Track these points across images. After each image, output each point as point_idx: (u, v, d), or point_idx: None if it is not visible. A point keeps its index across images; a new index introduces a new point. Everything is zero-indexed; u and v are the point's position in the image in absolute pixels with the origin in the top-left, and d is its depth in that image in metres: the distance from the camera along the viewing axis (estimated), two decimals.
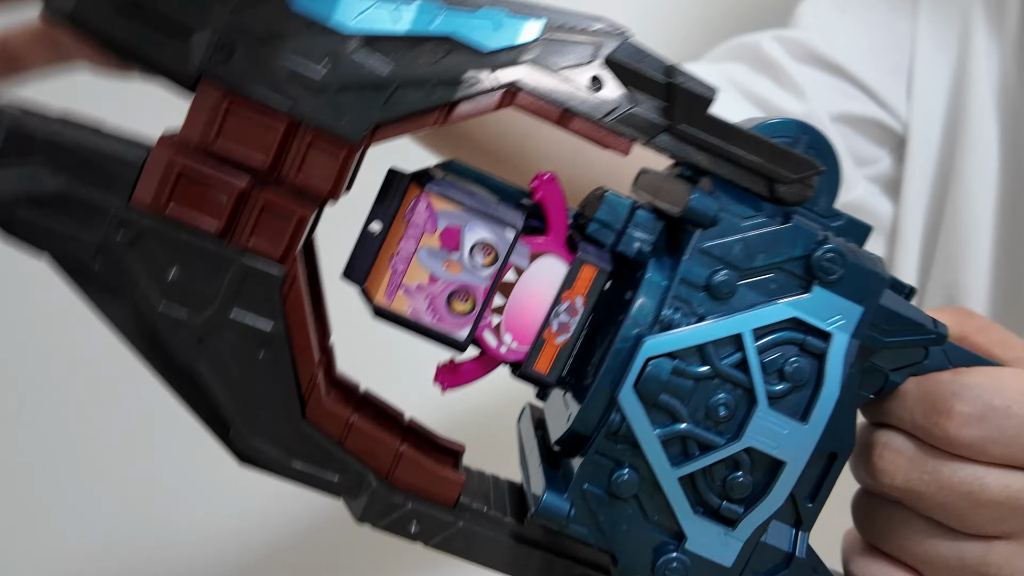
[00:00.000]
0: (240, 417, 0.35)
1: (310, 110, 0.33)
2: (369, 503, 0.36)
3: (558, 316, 0.37)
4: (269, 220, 0.34)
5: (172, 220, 0.34)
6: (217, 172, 0.33)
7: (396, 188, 0.36)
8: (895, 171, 0.70)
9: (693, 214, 0.34)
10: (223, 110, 0.33)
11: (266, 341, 0.34)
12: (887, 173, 0.70)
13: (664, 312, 0.34)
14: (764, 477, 0.35)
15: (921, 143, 0.67)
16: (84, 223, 0.33)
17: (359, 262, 0.36)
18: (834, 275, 0.35)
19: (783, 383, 0.35)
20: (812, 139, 0.36)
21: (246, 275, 0.34)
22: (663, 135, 0.35)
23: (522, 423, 0.44)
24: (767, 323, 0.35)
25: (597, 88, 0.35)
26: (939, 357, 0.38)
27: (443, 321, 0.36)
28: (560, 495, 0.35)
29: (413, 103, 0.34)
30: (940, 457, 0.37)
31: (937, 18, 0.67)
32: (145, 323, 0.35)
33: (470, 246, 0.36)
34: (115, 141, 0.34)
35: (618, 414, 0.34)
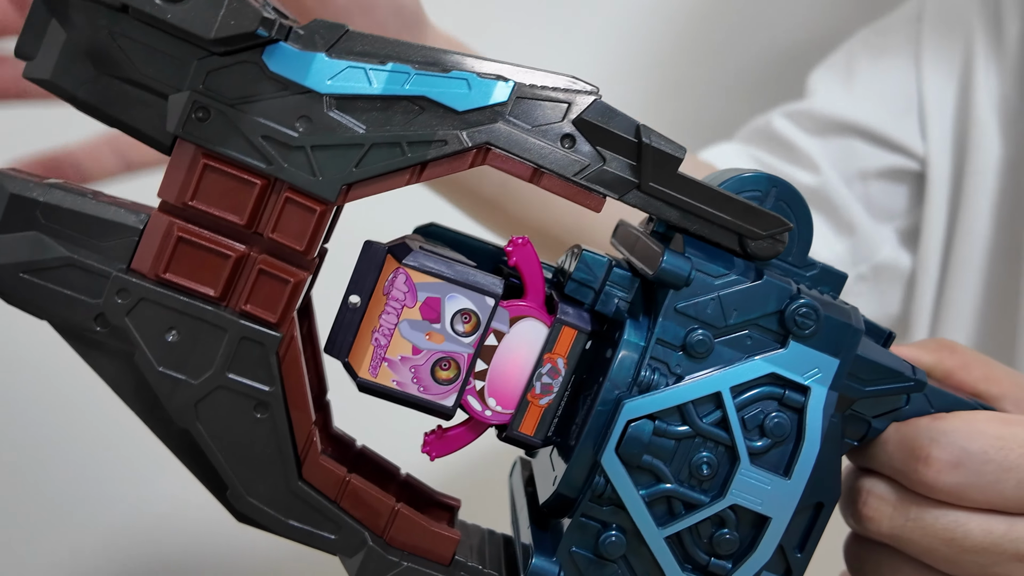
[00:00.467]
0: (237, 478, 0.32)
1: (285, 169, 0.30)
2: (365, 562, 0.33)
3: (540, 378, 0.33)
4: (266, 284, 0.31)
5: (171, 284, 0.31)
6: (215, 236, 0.31)
7: (373, 261, 0.32)
8: (917, 217, 0.64)
9: (666, 276, 0.31)
10: (199, 170, 0.30)
11: (263, 403, 0.31)
12: (913, 223, 0.64)
13: (643, 374, 0.31)
14: (750, 532, 0.31)
15: (936, 176, 0.61)
16: (85, 289, 0.31)
17: (340, 337, 0.33)
18: (808, 329, 0.31)
19: (764, 439, 0.31)
20: (781, 191, 0.33)
21: (243, 339, 0.31)
22: (634, 192, 0.32)
23: (513, 478, 0.39)
24: (745, 380, 0.31)
25: (568, 146, 0.31)
26: (920, 401, 0.34)
27: (428, 391, 0.33)
28: (548, 558, 0.32)
29: (386, 163, 0.30)
30: (922, 503, 0.33)
31: (940, 51, 0.62)
32: (143, 385, 0.32)
33: (451, 315, 0.33)
34: (114, 207, 0.31)
35: (602, 477, 0.31)
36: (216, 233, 0.31)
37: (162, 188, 0.31)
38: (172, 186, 0.31)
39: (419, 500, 0.37)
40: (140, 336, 0.31)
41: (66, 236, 0.31)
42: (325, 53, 0.30)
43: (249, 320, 0.32)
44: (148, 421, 0.33)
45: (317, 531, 0.33)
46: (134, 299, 0.31)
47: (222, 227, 0.31)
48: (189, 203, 0.31)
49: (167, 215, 0.31)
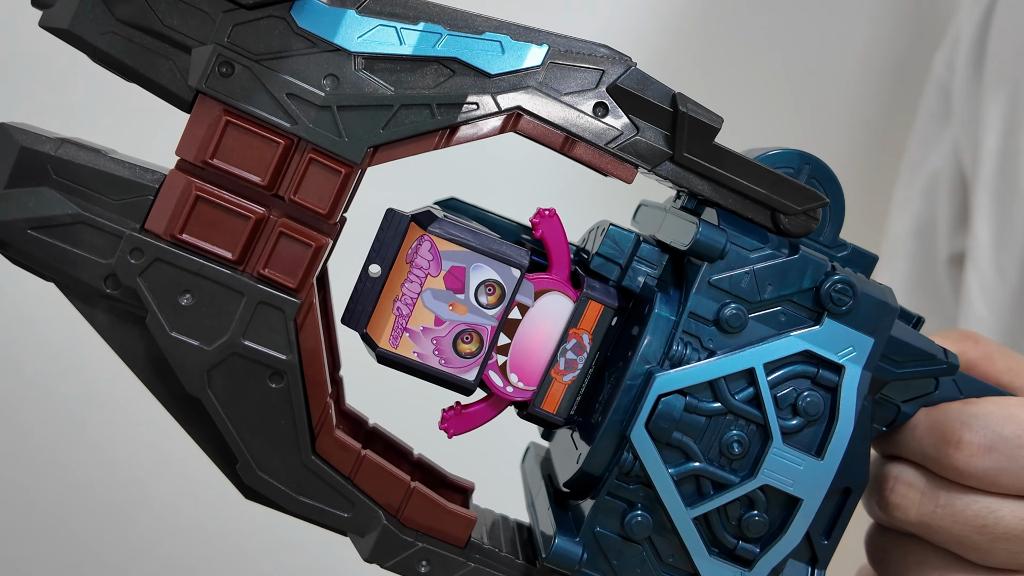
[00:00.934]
0: (248, 450, 0.30)
1: (310, 129, 0.29)
2: (379, 542, 0.31)
3: (565, 354, 0.32)
4: (286, 248, 0.30)
5: (187, 246, 0.29)
6: (234, 197, 0.30)
7: (395, 229, 0.31)
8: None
9: (701, 248, 0.30)
10: (221, 127, 0.29)
11: (278, 372, 0.30)
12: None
13: (674, 348, 0.30)
14: (780, 515, 0.30)
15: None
16: (96, 248, 0.29)
17: (359, 306, 0.31)
18: (844, 306, 0.30)
19: (797, 418, 0.30)
20: (814, 168, 0.32)
21: (261, 303, 0.30)
22: (666, 163, 0.31)
23: (526, 463, 0.38)
24: (779, 356, 0.30)
25: (601, 115, 0.30)
26: (950, 387, 0.33)
27: (449, 364, 0.32)
28: (571, 539, 0.30)
29: (414, 125, 0.29)
30: (953, 490, 0.32)
31: None
32: (153, 350, 0.30)
33: (475, 286, 0.31)
34: (129, 165, 0.30)
35: (630, 454, 0.30)
36: (236, 194, 0.30)
37: (181, 145, 0.30)
38: (191, 143, 0.30)
39: (433, 481, 0.36)
40: (152, 298, 0.30)
41: (78, 192, 0.30)
42: (355, 10, 0.29)
43: (267, 285, 0.30)
44: (154, 389, 0.31)
45: (329, 509, 0.32)
46: (148, 259, 0.30)
47: (242, 188, 0.30)
48: (209, 162, 0.30)
49: (185, 174, 0.30)
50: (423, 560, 0.32)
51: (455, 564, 0.32)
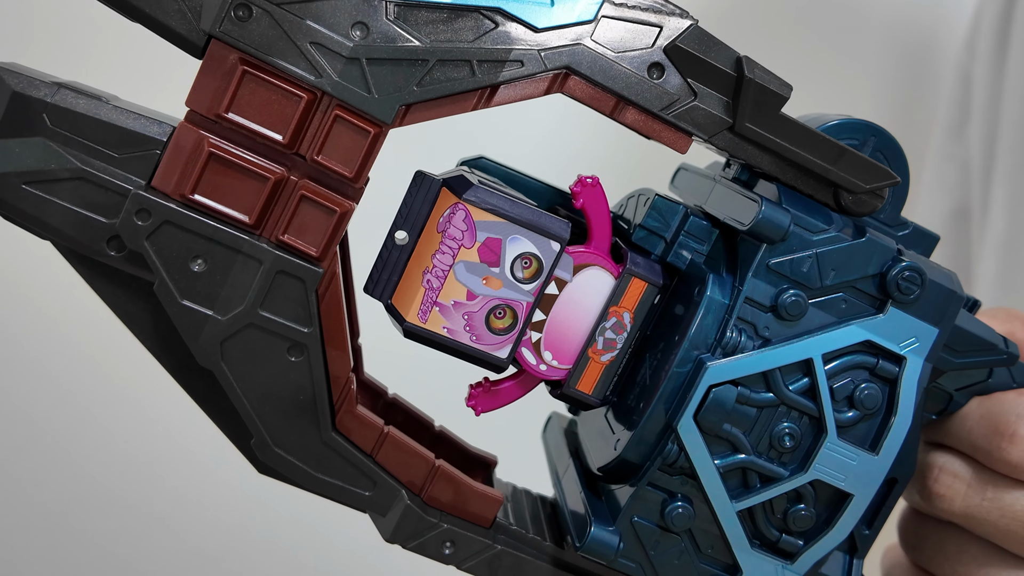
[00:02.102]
0: (264, 426, 0.28)
1: (335, 83, 0.26)
2: (401, 522, 0.29)
3: (604, 333, 0.30)
4: (308, 213, 0.27)
5: (199, 207, 0.27)
6: (252, 155, 0.27)
7: (426, 194, 0.28)
8: None
9: (763, 228, 0.27)
10: (237, 78, 0.26)
11: (298, 345, 0.28)
12: None
13: (728, 334, 0.28)
14: (827, 509, 0.29)
15: None
16: (98, 207, 0.26)
17: (383, 275, 0.29)
18: (912, 295, 0.28)
19: (853, 410, 0.28)
20: (880, 141, 0.29)
21: (280, 272, 0.27)
22: (724, 133, 0.28)
23: (548, 435, 0.36)
24: (838, 347, 0.28)
25: (657, 77, 0.27)
26: (1003, 375, 0.31)
27: (481, 340, 0.29)
28: (607, 527, 0.29)
29: (452, 83, 0.26)
30: (1001, 483, 0.30)
31: None
32: (161, 318, 0.28)
33: (512, 259, 0.29)
34: (135, 115, 0.27)
35: (675, 444, 0.28)
36: (253, 152, 0.27)
37: (191, 96, 0.27)
38: (203, 95, 0.27)
39: (454, 455, 0.34)
40: (161, 264, 0.27)
41: (77, 144, 0.27)
42: None
43: (287, 252, 0.27)
44: (163, 359, 0.29)
45: (350, 487, 0.30)
46: (156, 221, 0.27)
47: (259, 145, 0.27)
48: (223, 115, 0.27)
49: (196, 127, 0.27)
50: (447, 541, 0.30)
51: (481, 546, 0.31)
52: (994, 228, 0.55)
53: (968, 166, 0.59)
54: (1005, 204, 0.54)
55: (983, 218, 0.57)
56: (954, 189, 0.60)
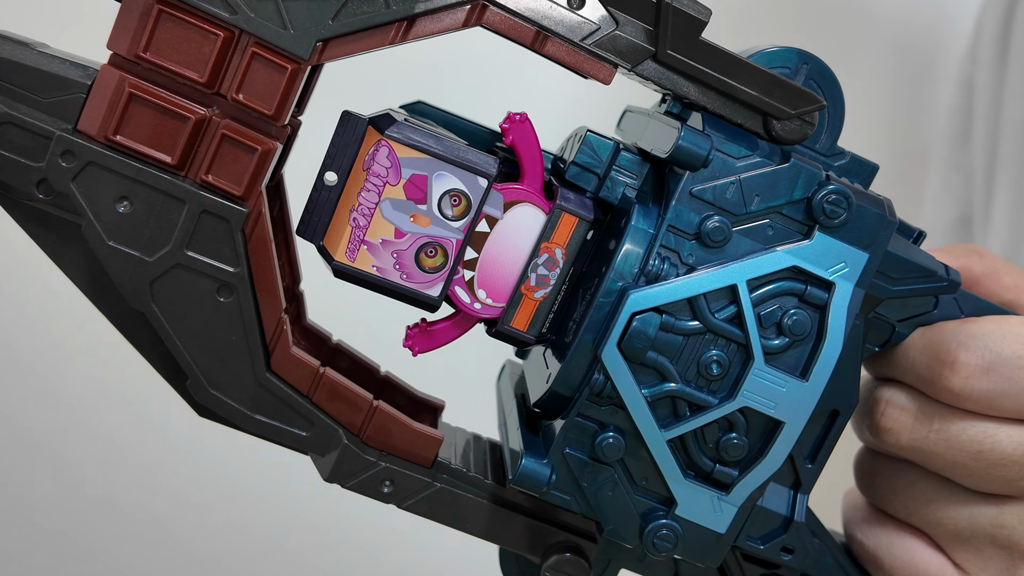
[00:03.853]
0: (198, 367, 0.28)
1: (251, 20, 0.26)
2: (339, 461, 0.29)
3: (536, 269, 0.29)
4: (230, 152, 0.27)
5: (122, 148, 0.26)
6: (172, 96, 0.26)
7: (352, 134, 0.28)
8: None
9: (682, 154, 0.27)
10: (152, 18, 0.26)
11: (227, 285, 0.27)
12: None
13: (651, 263, 0.27)
14: (760, 438, 0.28)
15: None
16: (25, 150, 0.26)
17: (315, 217, 0.28)
18: (838, 219, 0.27)
19: (781, 337, 0.28)
20: (813, 68, 0.29)
21: (204, 212, 0.27)
22: (648, 62, 0.27)
23: (501, 382, 0.36)
24: (764, 273, 0.27)
25: (577, 6, 0.27)
26: (950, 306, 0.30)
27: (412, 279, 0.29)
28: (540, 460, 0.28)
29: (367, 16, 0.26)
30: (947, 414, 0.30)
31: None
32: (93, 262, 0.28)
33: (439, 196, 0.28)
34: (60, 60, 0.27)
35: (601, 374, 0.27)
36: (173, 92, 0.27)
37: (111, 38, 0.27)
38: (123, 36, 0.27)
39: (399, 400, 0.34)
40: (87, 205, 0.27)
41: (3, 90, 0.27)
42: None
43: (211, 192, 0.27)
44: (98, 303, 0.29)
45: (287, 427, 0.30)
46: (81, 163, 0.27)
47: (180, 86, 0.27)
48: (142, 55, 0.26)
49: (118, 69, 0.27)
50: (386, 480, 0.30)
51: (420, 484, 0.30)
52: (996, 235, 0.54)
53: (973, 174, 0.58)
54: (1007, 211, 0.53)
55: (985, 225, 0.56)
56: (960, 197, 0.60)
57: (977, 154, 0.57)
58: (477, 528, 0.31)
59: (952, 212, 0.59)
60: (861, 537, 0.33)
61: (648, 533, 0.29)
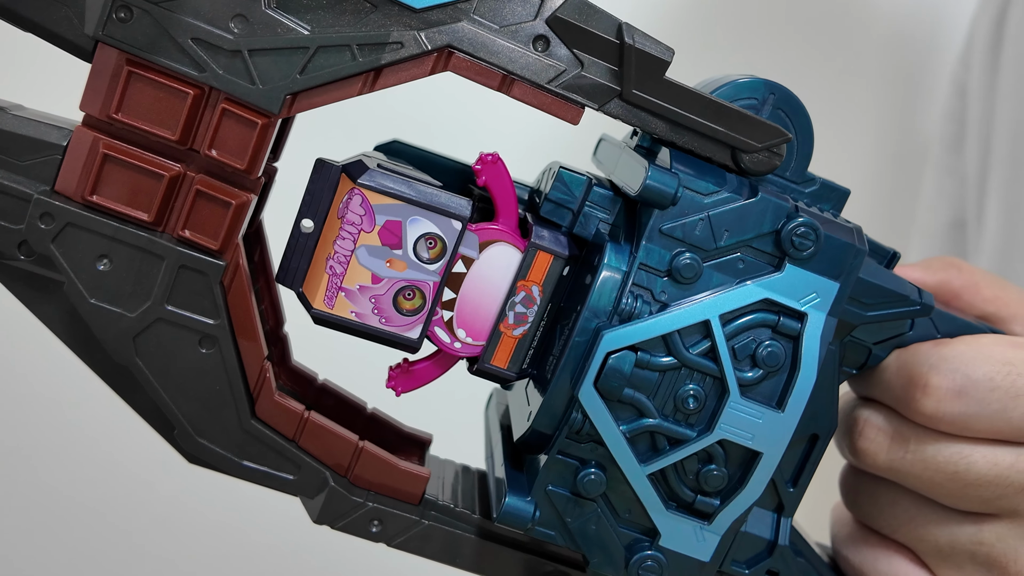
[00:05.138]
0: (184, 417, 0.28)
1: (220, 77, 0.26)
2: (327, 503, 0.29)
3: (514, 307, 0.29)
4: (206, 207, 0.27)
5: (100, 208, 0.27)
6: (146, 154, 0.27)
7: (326, 181, 0.28)
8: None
9: (650, 193, 0.27)
10: (123, 79, 0.26)
11: (208, 337, 0.28)
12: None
13: (624, 301, 0.27)
14: (739, 469, 0.28)
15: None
16: (5, 213, 0.27)
17: (293, 264, 0.29)
18: (807, 251, 0.27)
19: (756, 369, 0.28)
20: (780, 98, 0.29)
21: (182, 267, 0.27)
22: (615, 101, 0.27)
23: (489, 411, 0.36)
24: (736, 306, 0.27)
25: (542, 49, 0.27)
26: (925, 326, 0.30)
27: (391, 322, 0.29)
28: (523, 497, 0.28)
29: (335, 68, 0.26)
30: (923, 435, 0.30)
31: None
32: (77, 319, 0.28)
33: (414, 241, 0.28)
34: (36, 123, 0.27)
35: (579, 413, 0.27)
36: (147, 151, 0.27)
37: (84, 100, 0.27)
38: (95, 98, 0.27)
39: (387, 436, 0.34)
40: (68, 265, 0.27)
41: None
42: None
43: (188, 247, 0.27)
44: (85, 358, 0.29)
45: (275, 472, 0.30)
46: (59, 224, 0.27)
47: (154, 144, 0.27)
48: (114, 116, 0.27)
49: (91, 131, 0.27)
50: (374, 520, 0.30)
51: (408, 523, 0.31)
52: (989, 238, 0.54)
53: (966, 178, 0.58)
54: (1000, 214, 0.53)
55: (978, 228, 0.56)
56: (953, 201, 0.59)
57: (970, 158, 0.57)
58: (467, 562, 0.31)
59: (946, 216, 0.59)
60: (847, 553, 0.33)
61: (633, 564, 0.29)
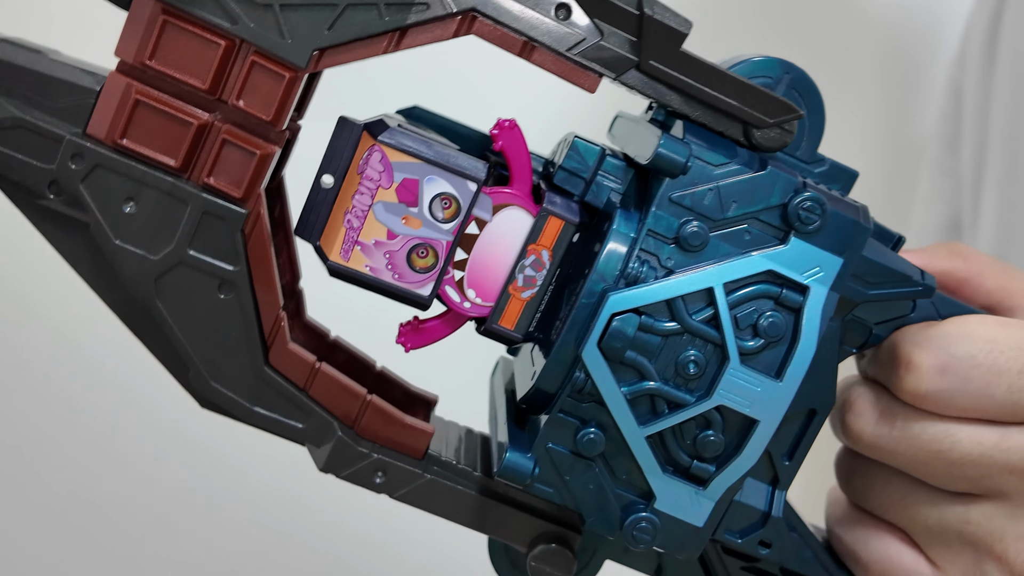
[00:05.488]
0: (199, 360, 0.29)
1: (251, 30, 0.27)
2: (333, 452, 0.30)
3: (523, 270, 0.30)
4: (231, 156, 0.28)
5: (129, 152, 0.28)
6: (176, 102, 0.27)
7: (348, 138, 0.29)
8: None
9: (662, 161, 0.27)
10: (158, 27, 0.27)
11: (227, 282, 0.28)
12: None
13: (631, 266, 0.28)
14: (736, 436, 0.29)
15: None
16: (37, 153, 0.28)
17: (312, 218, 0.29)
18: (812, 225, 0.28)
19: (757, 339, 0.28)
20: (795, 78, 0.29)
21: (205, 213, 0.28)
22: (632, 72, 0.28)
23: (495, 378, 0.36)
24: (740, 276, 0.28)
25: (564, 17, 0.27)
26: (927, 309, 0.31)
27: (404, 278, 0.30)
28: (524, 454, 0.29)
29: (362, 26, 0.27)
30: (908, 414, 0.30)
31: None
32: (100, 259, 0.29)
33: (429, 199, 0.29)
34: (71, 67, 0.28)
35: (582, 372, 0.28)
36: (177, 98, 0.28)
37: (119, 46, 0.28)
38: (130, 44, 0.28)
39: (394, 393, 0.34)
40: (96, 205, 0.28)
41: (17, 95, 0.28)
42: None
43: (212, 194, 0.28)
44: (105, 297, 0.30)
45: (284, 419, 0.31)
46: (89, 165, 0.28)
47: (184, 92, 0.28)
48: (148, 63, 0.27)
49: (125, 76, 0.28)
50: (378, 471, 0.31)
51: (411, 475, 0.31)
52: (984, 239, 0.54)
53: (962, 179, 0.58)
54: (995, 215, 0.53)
55: (974, 229, 0.56)
56: (949, 201, 0.59)
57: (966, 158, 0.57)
58: (465, 518, 0.32)
59: (941, 216, 0.59)
60: (840, 532, 0.34)
61: (628, 525, 0.29)
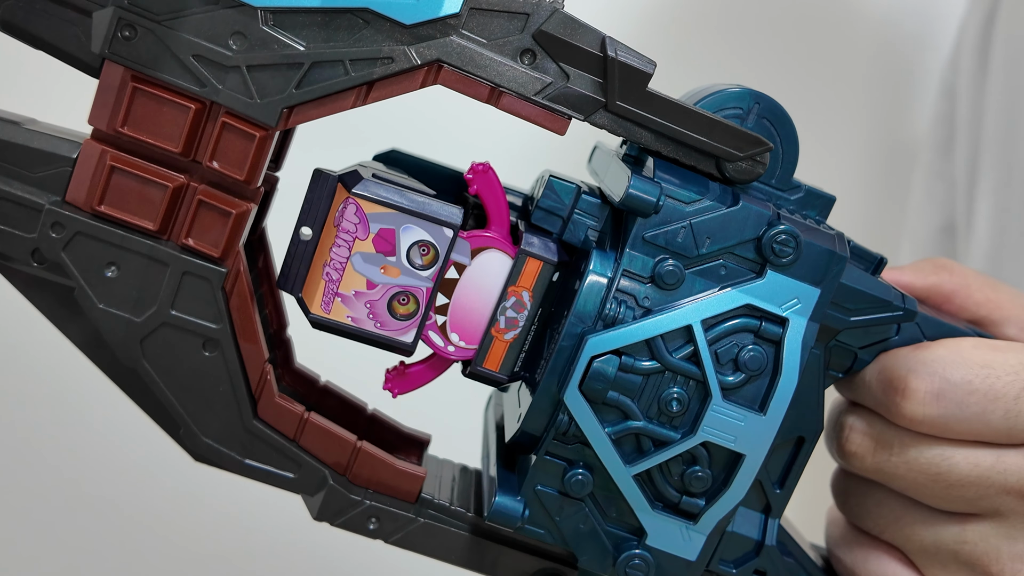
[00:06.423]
0: (189, 417, 0.29)
1: (220, 91, 0.27)
2: (326, 501, 0.30)
3: (505, 312, 0.30)
4: (207, 216, 0.28)
5: (107, 217, 0.28)
6: (151, 166, 0.28)
7: (323, 191, 0.29)
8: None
9: (633, 202, 0.27)
10: (128, 94, 0.27)
11: (210, 340, 0.29)
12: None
13: (608, 307, 0.28)
14: (723, 470, 0.29)
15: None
16: (19, 222, 0.28)
17: (293, 270, 0.29)
18: (787, 257, 0.28)
19: (738, 373, 0.28)
20: (764, 108, 0.29)
21: (186, 274, 0.28)
22: (601, 112, 0.28)
23: (488, 412, 0.36)
24: (718, 312, 0.28)
25: (529, 63, 0.27)
26: (912, 331, 0.30)
27: (386, 327, 0.30)
28: (513, 496, 0.29)
29: (329, 83, 0.27)
30: (905, 437, 0.30)
31: None
32: (87, 322, 0.29)
33: (407, 248, 0.29)
34: (48, 136, 0.28)
35: (565, 415, 0.28)
36: (152, 162, 0.28)
37: (92, 115, 0.28)
38: (102, 112, 0.28)
39: (387, 436, 0.34)
40: (78, 272, 0.28)
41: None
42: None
43: (191, 254, 0.28)
44: (95, 359, 0.30)
45: (276, 470, 0.31)
46: (69, 233, 0.28)
47: (158, 156, 0.28)
48: (120, 130, 0.28)
49: (99, 143, 0.28)
50: (372, 517, 0.31)
51: (404, 520, 0.31)
52: (978, 242, 0.54)
53: (956, 182, 0.57)
54: (989, 218, 0.53)
55: (968, 232, 0.56)
56: (943, 205, 0.59)
57: (960, 162, 0.56)
58: (461, 559, 0.32)
59: (935, 220, 0.58)
60: (839, 553, 0.34)
61: (621, 563, 0.29)
